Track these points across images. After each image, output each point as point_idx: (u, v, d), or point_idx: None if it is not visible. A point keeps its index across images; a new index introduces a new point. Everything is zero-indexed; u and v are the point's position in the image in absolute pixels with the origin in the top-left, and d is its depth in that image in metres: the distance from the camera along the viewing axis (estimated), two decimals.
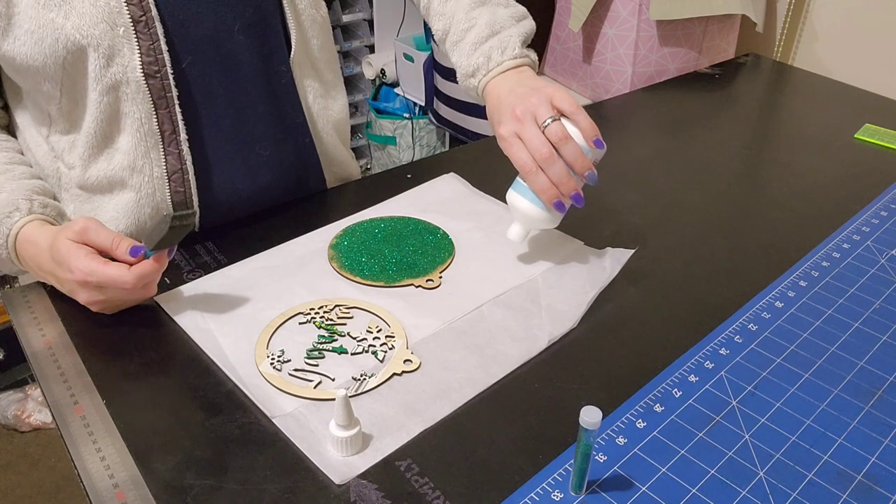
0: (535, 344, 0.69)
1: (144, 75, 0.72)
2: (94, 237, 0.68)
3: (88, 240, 0.68)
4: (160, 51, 0.72)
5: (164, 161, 0.77)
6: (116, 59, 0.71)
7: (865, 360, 0.69)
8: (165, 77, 0.73)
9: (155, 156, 0.76)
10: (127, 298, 0.70)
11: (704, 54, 1.43)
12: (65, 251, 0.67)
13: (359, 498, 0.55)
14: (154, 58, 0.72)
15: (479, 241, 0.84)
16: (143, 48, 0.71)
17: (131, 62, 0.71)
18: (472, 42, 0.84)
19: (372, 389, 0.64)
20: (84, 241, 0.68)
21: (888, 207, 0.93)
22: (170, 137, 0.76)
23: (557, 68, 1.58)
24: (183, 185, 0.79)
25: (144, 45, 0.71)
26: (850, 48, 1.42)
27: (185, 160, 0.77)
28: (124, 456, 0.58)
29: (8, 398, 1.71)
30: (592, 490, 0.56)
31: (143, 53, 0.71)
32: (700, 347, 0.70)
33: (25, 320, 0.72)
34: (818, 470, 0.58)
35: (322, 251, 0.81)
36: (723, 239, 0.86)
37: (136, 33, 0.71)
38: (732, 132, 1.13)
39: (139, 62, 0.71)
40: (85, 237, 0.68)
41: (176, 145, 0.77)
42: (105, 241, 0.68)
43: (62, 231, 0.68)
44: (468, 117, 1.77)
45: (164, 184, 0.78)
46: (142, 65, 0.72)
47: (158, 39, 0.72)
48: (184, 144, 0.77)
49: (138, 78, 0.72)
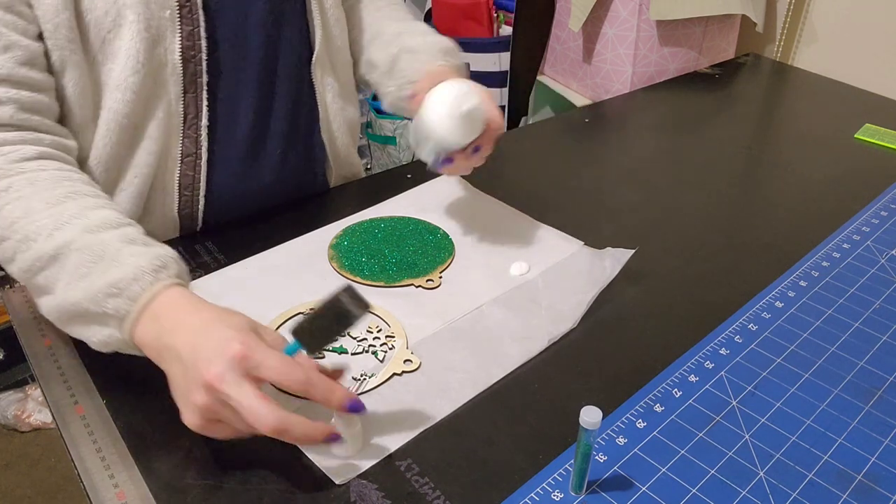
0: (535, 344, 0.69)
1: (182, 59, 0.74)
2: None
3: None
4: (199, 36, 0.74)
5: (181, 143, 0.78)
6: (160, 41, 0.72)
7: (865, 360, 0.69)
8: (199, 63, 0.75)
9: (174, 137, 0.77)
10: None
11: (704, 54, 1.42)
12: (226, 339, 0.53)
13: (359, 498, 0.55)
14: (193, 43, 0.74)
15: (479, 241, 0.84)
16: (185, 33, 0.73)
17: (172, 45, 0.73)
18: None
19: (372, 389, 0.64)
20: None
21: (888, 207, 0.93)
22: (191, 121, 0.77)
23: (557, 68, 1.58)
24: (193, 169, 0.79)
25: (186, 29, 0.73)
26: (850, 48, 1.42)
27: (200, 145, 0.79)
28: (124, 456, 0.57)
29: (8, 398, 1.71)
30: (592, 490, 0.56)
31: (184, 38, 0.73)
32: (700, 347, 0.70)
33: (25, 320, 0.72)
34: (818, 470, 0.58)
35: (322, 251, 0.81)
36: (723, 239, 0.86)
37: (181, 18, 0.73)
38: (732, 132, 1.13)
39: (179, 46, 0.73)
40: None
41: (195, 129, 0.78)
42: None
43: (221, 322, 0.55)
44: None
45: (176, 165, 0.78)
46: (181, 48, 0.74)
47: (199, 25, 0.74)
48: (203, 130, 0.78)
49: (175, 61, 0.74)
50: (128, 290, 0.57)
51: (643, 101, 1.25)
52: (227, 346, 0.52)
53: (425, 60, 0.83)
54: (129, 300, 0.57)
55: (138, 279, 0.57)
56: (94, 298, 0.57)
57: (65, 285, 0.59)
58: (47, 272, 0.60)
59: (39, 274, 0.60)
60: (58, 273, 0.59)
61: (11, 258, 0.62)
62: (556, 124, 1.17)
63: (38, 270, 0.60)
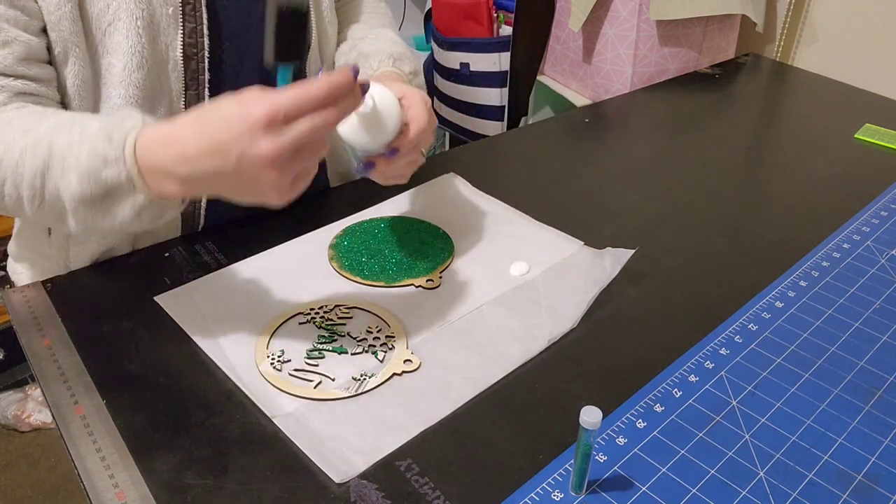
0: (535, 344, 0.69)
1: (184, 56, 0.75)
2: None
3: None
4: (201, 34, 0.75)
5: None
6: (161, 38, 0.73)
7: (865, 360, 0.69)
8: (201, 60, 0.76)
9: None
10: (321, 137, 0.55)
11: (704, 54, 1.42)
12: (232, 104, 0.54)
13: (359, 498, 0.55)
14: (195, 40, 0.75)
15: (479, 241, 0.84)
16: (187, 30, 0.74)
17: (174, 42, 0.74)
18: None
19: (372, 389, 0.64)
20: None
21: (888, 207, 0.93)
22: None
23: (557, 68, 1.58)
24: None
25: (188, 27, 0.74)
26: (850, 48, 1.42)
27: None
28: (124, 456, 0.57)
29: (8, 398, 1.71)
30: (592, 490, 0.56)
31: (186, 35, 0.74)
32: (700, 347, 0.70)
33: (25, 320, 0.72)
34: (818, 470, 0.58)
35: (322, 251, 0.81)
36: (723, 239, 0.86)
37: (184, 15, 0.73)
38: (732, 132, 1.13)
39: (181, 43, 0.74)
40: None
41: None
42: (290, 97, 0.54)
43: (216, 101, 0.56)
44: (468, 117, 1.77)
45: None
46: (183, 45, 0.74)
47: (202, 23, 0.75)
48: None
49: (177, 58, 0.74)
50: (111, 152, 0.58)
51: (643, 101, 1.25)
52: (248, 117, 0.53)
53: (373, 66, 0.84)
54: (118, 157, 0.58)
55: (111, 137, 0.58)
56: (91, 176, 0.59)
57: (65, 186, 0.60)
58: (48, 186, 0.61)
59: (45, 192, 0.62)
60: (55, 179, 0.61)
61: (18, 195, 0.63)
62: (556, 124, 1.17)
63: (42, 189, 0.62)
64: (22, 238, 0.86)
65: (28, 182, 0.62)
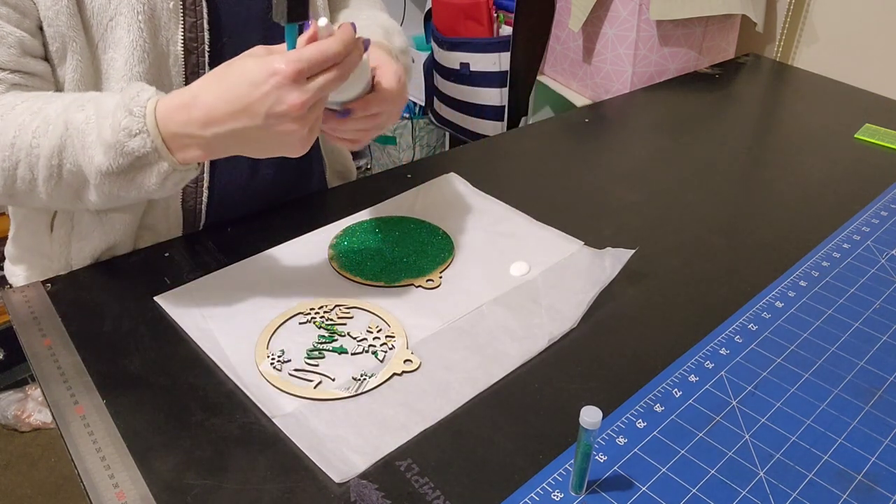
0: (535, 344, 0.69)
1: (185, 50, 0.75)
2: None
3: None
4: (202, 28, 0.75)
5: None
6: (162, 32, 0.73)
7: (865, 360, 0.69)
8: (202, 54, 0.76)
9: None
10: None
11: (704, 54, 1.42)
12: (252, 63, 0.58)
13: (359, 498, 0.55)
14: (196, 34, 0.75)
15: (479, 241, 0.84)
16: (188, 24, 0.74)
17: (175, 36, 0.74)
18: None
19: (372, 389, 0.64)
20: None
21: (888, 207, 0.93)
22: None
23: (557, 68, 1.58)
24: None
25: (189, 21, 0.74)
26: (850, 48, 1.42)
27: None
28: (124, 456, 0.57)
29: (8, 398, 1.71)
30: (592, 490, 0.56)
31: (187, 29, 0.74)
32: (700, 347, 0.70)
33: (25, 320, 0.72)
34: (818, 470, 0.58)
35: (322, 251, 0.81)
36: (723, 239, 0.86)
37: (184, 9, 0.74)
38: (732, 132, 1.13)
39: (181, 37, 0.74)
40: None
41: None
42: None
43: (230, 63, 0.60)
44: (468, 117, 1.77)
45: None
46: (183, 40, 0.74)
47: (202, 17, 0.75)
48: None
49: (178, 52, 0.75)
50: (134, 125, 0.61)
51: (643, 101, 1.25)
52: (276, 74, 0.57)
53: (364, 34, 0.83)
54: (141, 128, 0.60)
55: (131, 111, 0.61)
56: (116, 148, 0.61)
57: (87, 160, 0.62)
58: (66, 164, 0.63)
59: (63, 171, 0.63)
60: (75, 156, 0.62)
61: (32, 177, 0.64)
62: (556, 124, 1.17)
63: (59, 168, 0.63)
64: (20, 239, 0.85)
65: (45, 162, 0.63)
